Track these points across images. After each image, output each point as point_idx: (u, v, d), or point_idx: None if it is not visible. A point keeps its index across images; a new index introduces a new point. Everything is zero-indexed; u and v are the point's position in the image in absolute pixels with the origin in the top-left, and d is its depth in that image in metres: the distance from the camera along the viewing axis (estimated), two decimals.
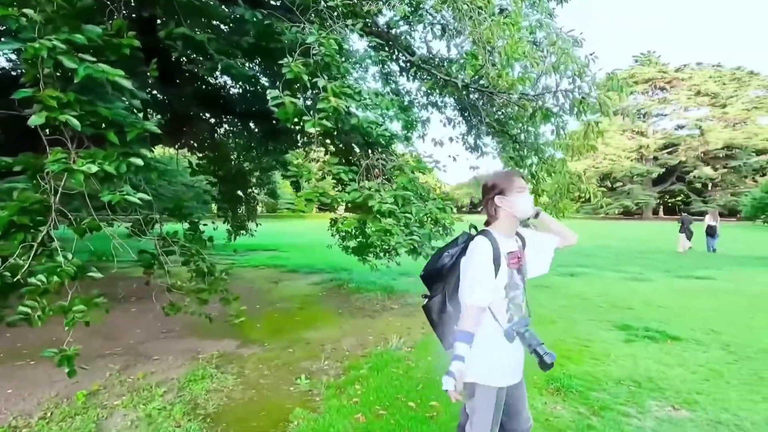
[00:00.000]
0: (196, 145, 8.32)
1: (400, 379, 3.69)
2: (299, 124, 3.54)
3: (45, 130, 2.28)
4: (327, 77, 3.46)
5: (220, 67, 4.02)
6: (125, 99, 2.56)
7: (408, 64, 6.14)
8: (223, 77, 6.74)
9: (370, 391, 3.44)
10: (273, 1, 4.91)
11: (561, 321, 5.60)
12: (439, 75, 5.43)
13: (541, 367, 1.76)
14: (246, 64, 5.50)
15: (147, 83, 3.79)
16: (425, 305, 2.10)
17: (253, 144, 8.36)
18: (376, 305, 6.48)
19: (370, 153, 4.67)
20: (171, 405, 3.22)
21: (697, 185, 54.25)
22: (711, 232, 14.82)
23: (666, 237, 18.85)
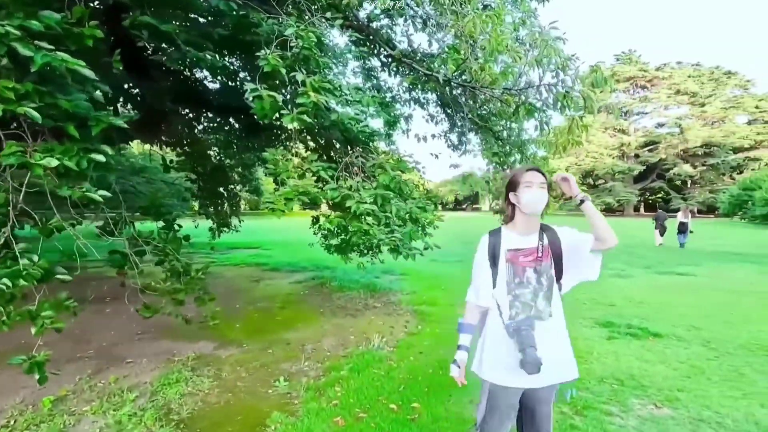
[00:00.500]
0: (174, 141, 8.10)
1: (381, 380, 3.61)
2: (279, 119, 3.43)
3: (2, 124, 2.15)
4: (306, 71, 3.35)
5: (188, 59, 3.87)
6: (89, 91, 2.42)
7: (389, 58, 6.04)
8: (203, 72, 6.55)
9: (350, 393, 3.37)
10: None
11: None
12: (421, 70, 5.35)
13: (522, 366, 1.68)
14: (222, 57, 5.33)
15: (115, 77, 3.63)
16: None
17: (233, 140, 8.16)
18: (358, 304, 6.41)
19: (349, 150, 4.57)
20: (142, 410, 3.10)
21: (677, 182, 55.28)
22: (683, 228, 15.44)
23: (646, 233, 19.18)
